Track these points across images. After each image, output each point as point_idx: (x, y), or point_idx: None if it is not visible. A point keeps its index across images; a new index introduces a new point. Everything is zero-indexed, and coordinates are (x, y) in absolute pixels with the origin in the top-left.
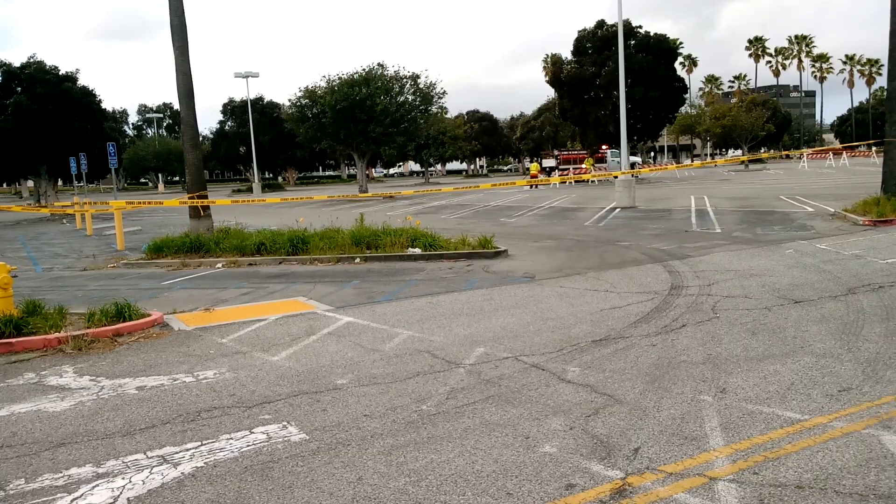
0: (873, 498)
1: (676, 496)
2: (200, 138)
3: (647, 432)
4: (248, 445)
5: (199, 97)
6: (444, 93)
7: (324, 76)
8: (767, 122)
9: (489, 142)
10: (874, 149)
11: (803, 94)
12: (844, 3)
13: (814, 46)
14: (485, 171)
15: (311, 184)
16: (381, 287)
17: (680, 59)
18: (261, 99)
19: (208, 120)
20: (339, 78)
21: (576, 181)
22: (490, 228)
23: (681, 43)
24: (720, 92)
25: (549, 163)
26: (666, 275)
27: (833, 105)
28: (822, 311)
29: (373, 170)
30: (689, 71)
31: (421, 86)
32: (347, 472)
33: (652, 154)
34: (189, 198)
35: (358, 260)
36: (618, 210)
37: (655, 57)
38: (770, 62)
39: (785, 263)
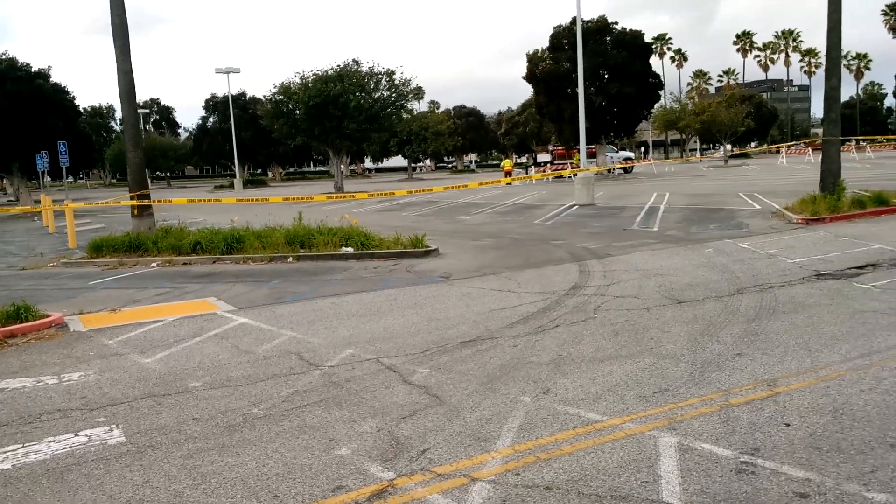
0: (610, 498)
1: (429, 497)
2: (167, 136)
3: (446, 433)
4: (63, 448)
5: (181, 92)
6: (421, 89)
7: (297, 72)
8: (747, 118)
9: (476, 137)
10: (854, 144)
11: (796, 89)
12: None
13: (801, 41)
14: (473, 167)
15: (299, 179)
16: (298, 287)
17: (670, 53)
18: (243, 95)
19: (191, 116)
20: (315, 74)
21: (567, 176)
22: (443, 226)
23: (669, 38)
24: (709, 87)
25: (543, 158)
26: (576, 274)
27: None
28: (698, 311)
29: (362, 165)
30: (680, 66)
31: (396, 82)
32: (138, 476)
33: (642, 149)
34: (130, 197)
35: (290, 259)
36: (575, 208)
37: (630, 53)
38: (758, 57)
39: (696, 263)
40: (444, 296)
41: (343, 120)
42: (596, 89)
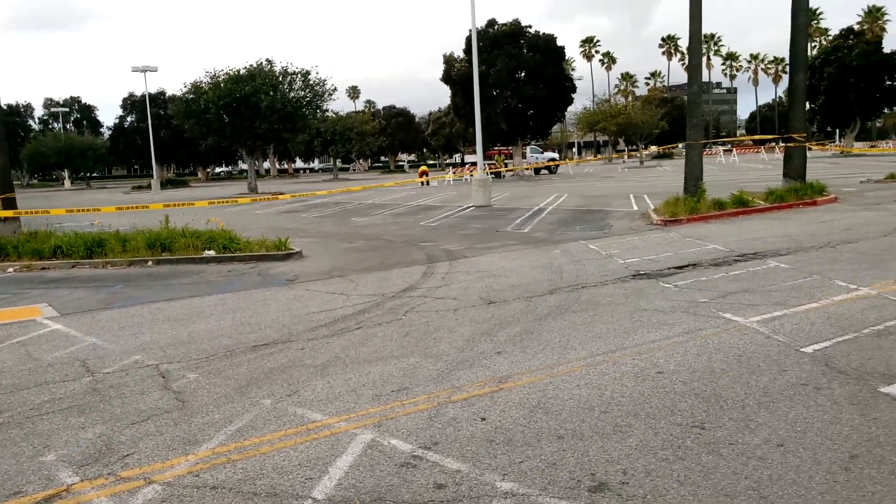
0: (264, 496)
1: (95, 500)
2: (98, 135)
3: (164, 438)
4: None
5: (107, 90)
6: (335, 89)
7: (208, 71)
8: (662, 120)
9: (406, 137)
10: (778, 145)
11: (725, 91)
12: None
13: (722, 45)
14: (406, 167)
15: (225, 179)
16: (138, 292)
17: (598, 56)
18: (162, 94)
19: (108, 115)
20: (227, 74)
21: (495, 176)
22: (331, 228)
23: (598, 41)
24: (636, 89)
25: (471, 158)
26: (419, 276)
27: (758, 101)
28: (500, 312)
29: (292, 165)
30: (609, 68)
31: (311, 82)
32: None
33: (573, 150)
34: None
35: (150, 263)
36: (470, 209)
37: (544, 56)
38: (683, 60)
39: (536, 264)
40: (274, 299)
41: (255, 120)
42: (511, 92)
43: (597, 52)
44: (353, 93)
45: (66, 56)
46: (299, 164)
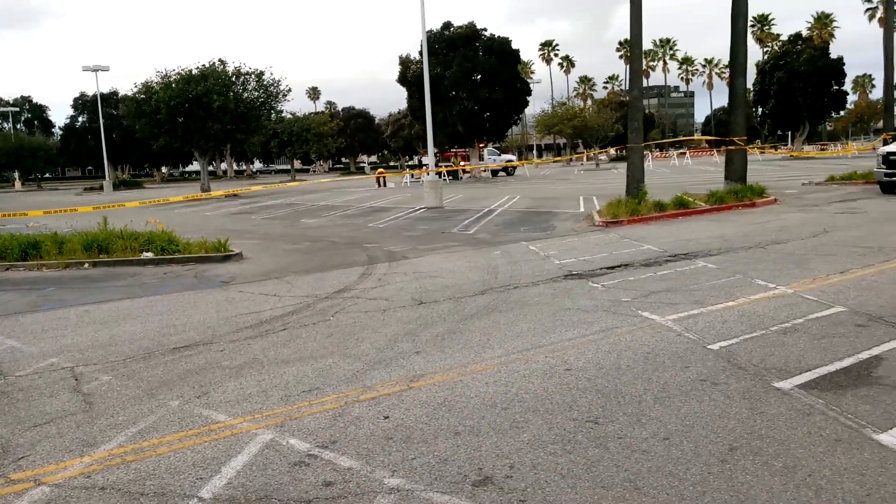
0: (151, 495)
1: None
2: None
3: (63, 440)
4: None
5: (50, 91)
6: (289, 90)
7: (159, 71)
8: (617, 123)
9: (365, 139)
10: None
11: (683, 95)
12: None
13: (677, 49)
14: (367, 169)
15: (181, 180)
16: (69, 295)
17: (557, 59)
18: (115, 94)
19: (60, 115)
20: (179, 74)
21: (451, 179)
22: (279, 230)
23: (557, 44)
24: (594, 93)
25: (427, 160)
26: (356, 277)
27: (713, 105)
28: (428, 312)
29: (250, 166)
30: (567, 72)
31: (265, 83)
32: None
33: (533, 152)
34: None
35: (87, 265)
36: (422, 210)
37: (499, 59)
38: None
39: (474, 265)
40: (205, 301)
41: (207, 120)
42: (467, 94)
43: (556, 55)
44: (314, 94)
45: (18, 55)
46: (258, 165)
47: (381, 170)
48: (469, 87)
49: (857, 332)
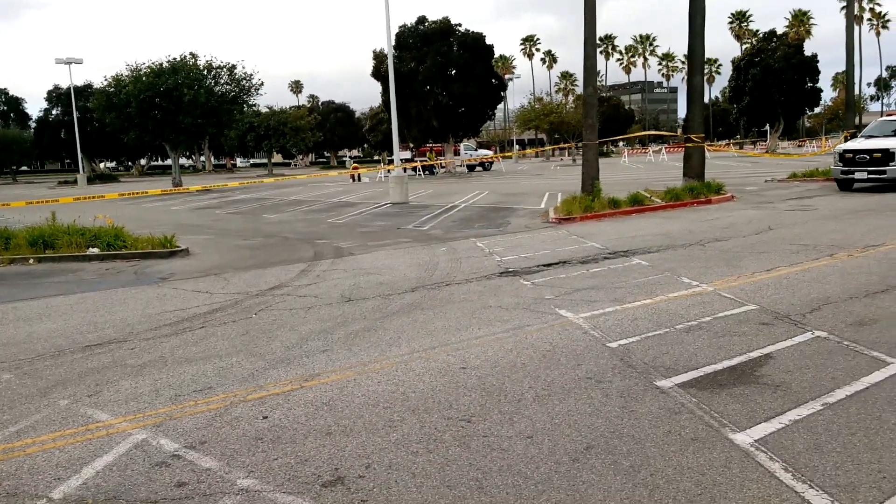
0: (3, 496)
1: None
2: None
3: None
4: None
5: (29, 83)
6: (262, 83)
7: (128, 64)
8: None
9: (345, 133)
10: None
11: (666, 90)
12: (728, 4)
13: (657, 46)
14: (348, 163)
15: (159, 174)
16: (5, 291)
17: (539, 55)
18: (90, 86)
19: (37, 108)
20: (150, 67)
21: (426, 174)
22: (238, 225)
23: (538, 39)
24: (575, 88)
25: (404, 154)
26: (295, 274)
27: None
28: (352, 309)
29: (231, 160)
30: (550, 67)
31: (237, 77)
32: None
33: (516, 147)
34: None
35: (32, 261)
36: (386, 206)
37: (473, 55)
38: (620, 60)
39: (416, 262)
40: (136, 298)
41: (178, 115)
42: (441, 89)
43: (537, 50)
44: (297, 87)
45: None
46: (241, 160)
47: (355, 164)
48: (443, 83)
49: (759, 330)
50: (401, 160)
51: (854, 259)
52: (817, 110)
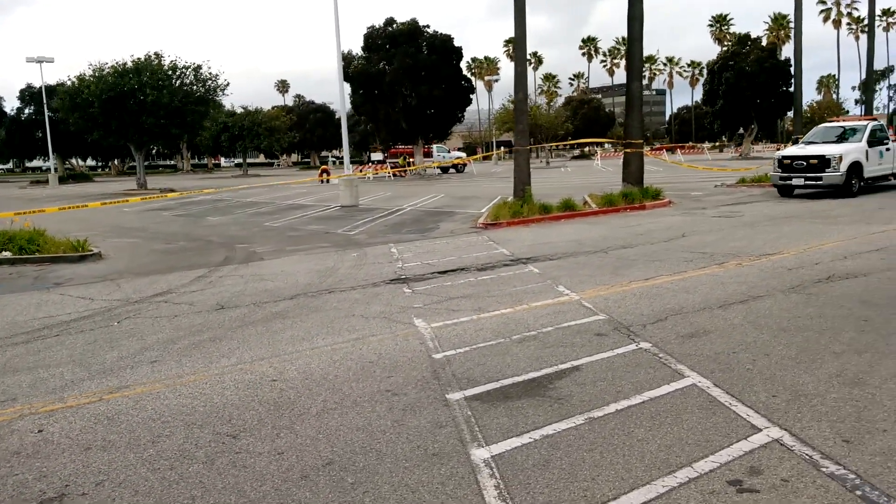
0: None
1: None
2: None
3: None
4: None
5: (7, 81)
6: (227, 84)
7: (91, 63)
8: (574, 121)
9: (325, 133)
10: (705, 145)
11: (654, 93)
12: (710, 2)
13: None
14: (331, 163)
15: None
16: None
17: (528, 55)
18: (62, 85)
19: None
20: (113, 67)
21: (394, 175)
22: (173, 229)
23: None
24: (558, 90)
25: (377, 156)
26: (190, 279)
27: (673, 104)
28: (217, 318)
29: (213, 160)
30: (535, 68)
31: (203, 77)
32: None
33: (502, 148)
34: None
35: None
36: (333, 209)
37: (441, 56)
38: (604, 62)
39: (317, 268)
40: (16, 304)
41: (141, 115)
42: (410, 90)
43: (462, 54)
44: (283, 87)
45: None
46: (224, 159)
47: (324, 166)
48: (411, 84)
49: (589, 341)
50: (376, 161)
51: (740, 268)
52: (790, 114)
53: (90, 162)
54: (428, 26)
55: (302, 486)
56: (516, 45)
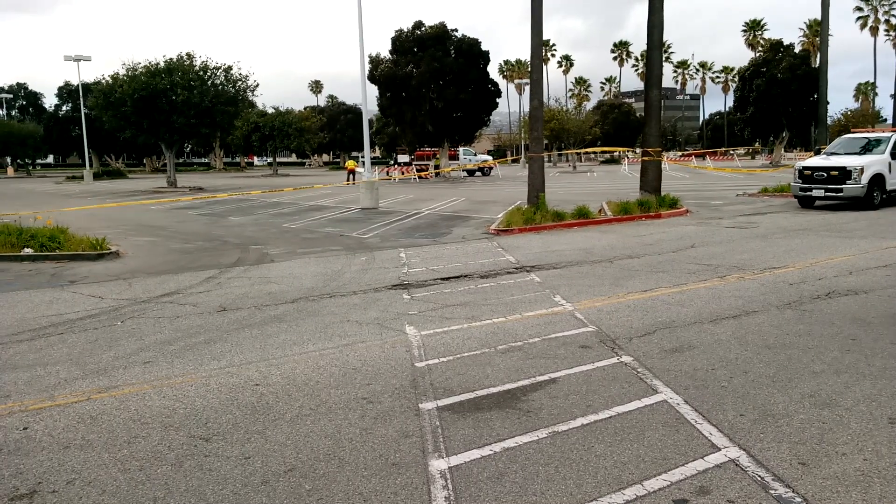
0: None
1: None
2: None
3: None
4: None
5: (50, 77)
6: (257, 84)
7: (124, 63)
8: (605, 126)
9: (355, 134)
10: (736, 151)
11: (688, 98)
12: (745, 8)
13: (672, 53)
14: (361, 163)
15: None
16: None
17: (556, 59)
18: (98, 83)
19: (51, 103)
20: (145, 67)
21: (420, 178)
22: (193, 228)
23: (553, 44)
24: (589, 94)
25: (403, 158)
26: (200, 280)
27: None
28: (217, 320)
29: (245, 160)
30: (566, 71)
31: (234, 77)
32: None
33: (522, 152)
34: None
35: None
36: (353, 212)
37: (468, 60)
38: (636, 66)
39: (324, 271)
40: (28, 301)
41: (172, 114)
42: (436, 94)
43: (553, 55)
44: (316, 87)
45: (28, 40)
46: (257, 160)
47: (351, 164)
48: (437, 87)
49: (572, 353)
50: (403, 163)
51: (742, 282)
52: (828, 122)
53: (126, 159)
54: (456, 30)
55: (260, 492)
56: (532, 55)
